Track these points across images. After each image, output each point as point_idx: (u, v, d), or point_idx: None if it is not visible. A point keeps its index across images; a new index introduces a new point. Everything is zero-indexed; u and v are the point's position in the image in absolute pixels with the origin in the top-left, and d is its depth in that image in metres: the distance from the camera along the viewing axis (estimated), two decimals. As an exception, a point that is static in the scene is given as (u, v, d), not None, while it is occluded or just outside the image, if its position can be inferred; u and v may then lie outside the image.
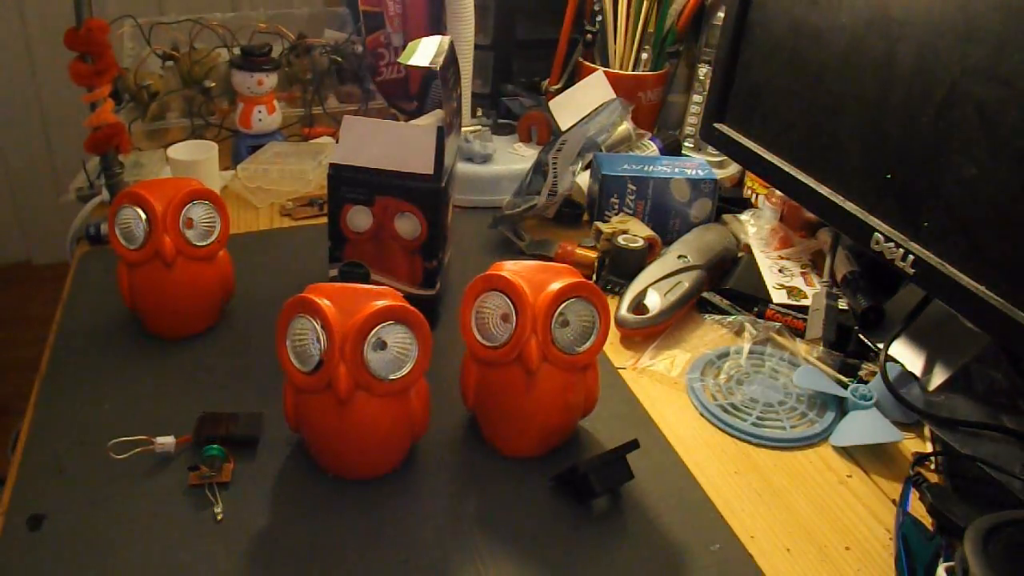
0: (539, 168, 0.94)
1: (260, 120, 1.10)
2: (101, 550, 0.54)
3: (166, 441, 0.61)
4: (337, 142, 0.73)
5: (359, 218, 0.74)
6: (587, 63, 1.17)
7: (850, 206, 0.75)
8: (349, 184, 0.72)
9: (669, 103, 1.23)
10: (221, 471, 0.60)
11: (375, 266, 0.76)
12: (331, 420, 0.58)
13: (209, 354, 0.74)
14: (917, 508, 0.61)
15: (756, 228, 0.97)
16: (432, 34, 0.84)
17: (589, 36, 1.17)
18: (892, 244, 0.70)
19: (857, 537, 0.60)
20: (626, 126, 1.07)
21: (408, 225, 0.74)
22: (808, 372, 0.74)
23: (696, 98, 1.15)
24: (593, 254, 0.91)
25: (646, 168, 0.96)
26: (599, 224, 0.92)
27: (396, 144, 0.71)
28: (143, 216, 0.70)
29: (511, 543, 0.57)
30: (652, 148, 1.08)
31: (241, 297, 0.80)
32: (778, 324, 0.81)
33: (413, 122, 0.84)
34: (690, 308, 0.84)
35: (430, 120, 0.75)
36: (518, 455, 0.64)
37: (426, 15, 1.20)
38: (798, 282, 0.88)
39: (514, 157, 1.07)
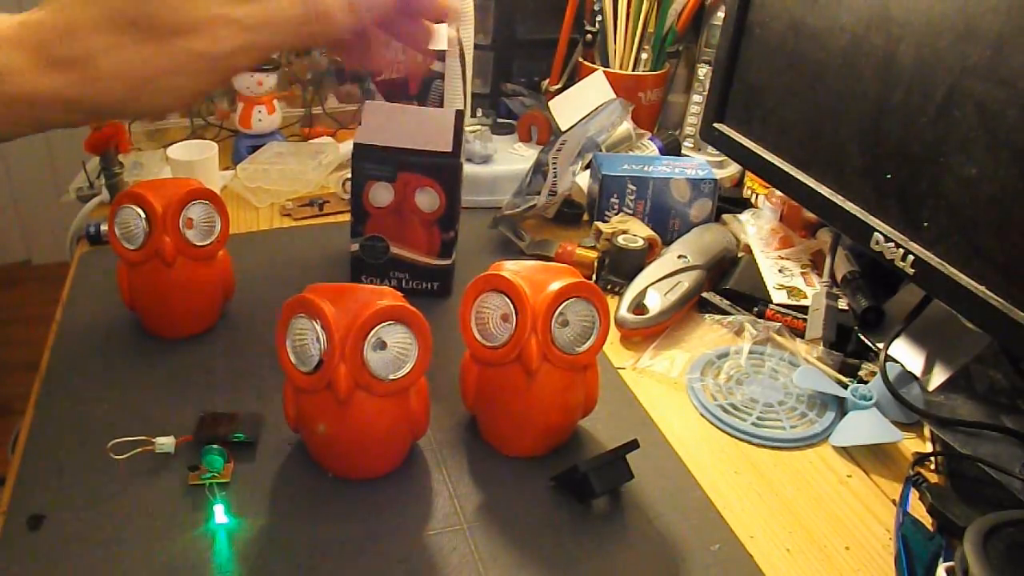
0: (539, 168, 0.94)
1: (260, 120, 1.10)
2: (101, 550, 0.54)
3: (166, 441, 0.61)
4: (359, 125, 0.79)
5: (380, 193, 0.80)
6: (587, 63, 1.17)
7: (850, 206, 0.75)
8: (373, 161, 0.78)
9: (669, 103, 1.23)
10: (221, 471, 0.60)
11: (395, 239, 0.82)
12: (331, 420, 0.58)
13: (209, 354, 0.74)
14: (917, 508, 0.61)
15: (756, 228, 0.97)
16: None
17: (589, 36, 1.17)
18: (892, 244, 0.70)
19: (857, 537, 0.60)
20: (626, 126, 1.07)
21: (428, 199, 0.80)
22: (808, 372, 0.74)
23: (696, 98, 1.15)
24: (593, 254, 0.91)
25: (646, 168, 0.96)
26: (599, 224, 0.92)
27: (417, 125, 0.78)
28: (143, 216, 0.70)
29: (511, 543, 0.57)
30: (652, 148, 1.08)
31: (241, 297, 0.80)
32: (778, 324, 0.81)
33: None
34: (690, 308, 0.84)
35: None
36: (518, 455, 0.64)
37: (426, 15, 1.19)
38: (798, 282, 0.88)
39: (514, 157, 1.07)
